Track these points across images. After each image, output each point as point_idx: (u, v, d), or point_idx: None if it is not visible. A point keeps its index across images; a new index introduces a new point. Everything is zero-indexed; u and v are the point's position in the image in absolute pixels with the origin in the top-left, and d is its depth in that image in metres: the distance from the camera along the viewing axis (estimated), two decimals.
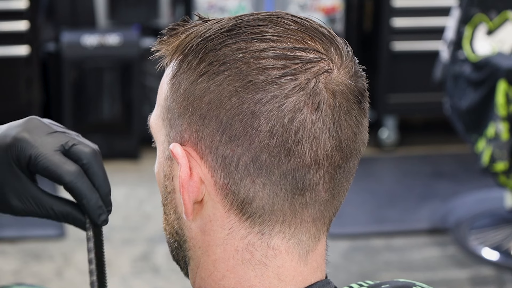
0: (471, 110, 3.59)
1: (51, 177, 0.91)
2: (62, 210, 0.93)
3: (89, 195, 0.92)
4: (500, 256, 3.63)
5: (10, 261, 3.56)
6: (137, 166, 4.56)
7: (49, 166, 0.90)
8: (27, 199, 0.92)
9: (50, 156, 0.90)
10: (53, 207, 0.93)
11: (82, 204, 0.92)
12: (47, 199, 0.93)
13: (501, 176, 3.50)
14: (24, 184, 0.92)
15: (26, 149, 0.90)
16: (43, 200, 0.92)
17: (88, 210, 0.93)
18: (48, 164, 0.90)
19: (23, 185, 0.92)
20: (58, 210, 0.93)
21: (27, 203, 0.92)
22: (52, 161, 0.90)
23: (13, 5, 4.43)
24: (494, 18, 3.70)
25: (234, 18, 0.92)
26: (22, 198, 0.92)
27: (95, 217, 0.94)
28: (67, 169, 0.91)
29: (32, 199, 0.92)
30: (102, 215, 0.94)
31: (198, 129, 0.90)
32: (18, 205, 0.92)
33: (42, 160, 0.90)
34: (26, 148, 0.90)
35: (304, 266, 0.93)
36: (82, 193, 0.92)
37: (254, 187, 0.89)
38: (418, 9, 4.69)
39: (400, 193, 4.26)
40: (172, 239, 0.96)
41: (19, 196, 0.91)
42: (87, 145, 0.93)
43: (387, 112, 4.81)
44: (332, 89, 0.89)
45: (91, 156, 0.93)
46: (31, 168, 0.91)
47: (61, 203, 0.94)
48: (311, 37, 0.90)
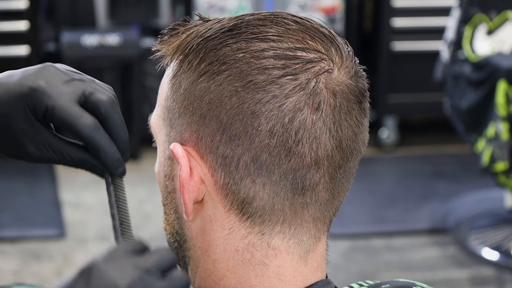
0: (471, 110, 3.59)
1: (67, 129, 0.88)
2: (80, 157, 0.91)
3: (106, 148, 0.90)
4: (500, 256, 3.63)
5: (10, 261, 3.56)
6: (137, 166, 4.56)
7: (65, 118, 0.88)
8: (44, 146, 0.90)
9: (67, 108, 0.88)
10: (71, 154, 0.91)
11: (99, 157, 0.90)
12: (65, 146, 0.90)
13: (501, 176, 3.50)
14: (40, 132, 0.89)
15: (42, 100, 0.88)
16: (60, 147, 0.90)
17: (105, 163, 0.90)
18: (65, 116, 0.88)
19: (40, 133, 0.89)
20: (76, 157, 0.91)
21: (44, 150, 0.90)
22: (69, 113, 0.88)
23: (13, 5, 4.43)
24: (494, 18, 3.70)
25: (234, 18, 0.92)
26: (39, 145, 0.90)
27: (113, 170, 0.91)
28: (84, 122, 0.88)
29: (49, 147, 0.90)
30: (119, 167, 0.91)
31: (199, 128, 0.90)
32: (35, 153, 0.90)
33: (59, 112, 0.87)
34: (42, 99, 0.88)
35: (305, 266, 0.93)
36: (99, 147, 0.89)
37: (254, 187, 0.89)
38: (418, 9, 4.69)
39: (400, 193, 4.26)
40: (173, 239, 0.96)
41: (36, 144, 0.89)
42: (104, 93, 0.90)
43: (387, 112, 4.81)
44: (332, 89, 0.89)
45: (109, 104, 0.90)
46: (47, 118, 0.88)
47: (79, 150, 0.91)
48: (311, 37, 0.90)
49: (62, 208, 4.02)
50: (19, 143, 0.90)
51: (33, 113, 0.89)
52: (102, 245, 3.69)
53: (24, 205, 4.05)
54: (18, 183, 4.28)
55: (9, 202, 4.07)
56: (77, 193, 4.20)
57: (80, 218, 3.95)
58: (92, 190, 4.24)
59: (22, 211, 3.99)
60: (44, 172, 4.43)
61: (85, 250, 3.67)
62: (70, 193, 4.19)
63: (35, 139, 0.90)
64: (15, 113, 0.89)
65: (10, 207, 4.03)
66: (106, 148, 0.90)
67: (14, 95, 0.89)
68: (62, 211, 3.99)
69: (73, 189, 4.24)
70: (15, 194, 4.17)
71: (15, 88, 0.89)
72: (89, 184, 4.31)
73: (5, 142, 0.91)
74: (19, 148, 0.91)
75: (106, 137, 0.90)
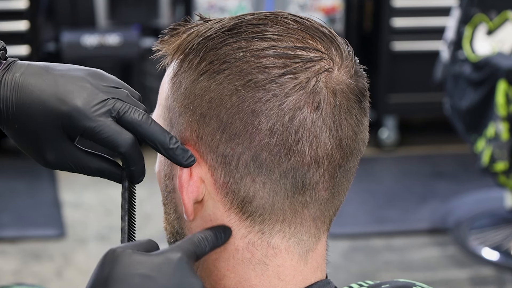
0: (471, 110, 3.59)
1: (106, 147, 0.90)
2: (98, 167, 0.92)
3: (140, 162, 0.92)
4: (500, 256, 3.63)
5: (10, 261, 3.56)
6: None
7: (106, 138, 0.89)
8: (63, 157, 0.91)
9: (106, 127, 0.89)
10: (90, 165, 0.92)
11: (130, 170, 0.92)
12: (83, 157, 0.92)
13: (501, 176, 3.50)
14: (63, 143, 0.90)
15: (80, 122, 0.89)
16: (80, 159, 0.91)
17: (133, 174, 0.92)
18: (105, 136, 0.89)
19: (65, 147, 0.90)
20: (94, 167, 0.92)
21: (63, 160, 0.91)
22: (109, 133, 0.89)
23: (13, 5, 4.43)
24: (494, 18, 3.70)
25: (235, 17, 0.92)
26: (59, 155, 0.90)
27: (137, 180, 0.93)
28: (124, 138, 0.89)
29: (68, 159, 0.91)
30: (142, 177, 0.94)
31: (199, 128, 0.90)
32: (52, 161, 0.91)
33: (99, 133, 0.88)
34: (80, 121, 0.89)
35: (304, 265, 0.93)
36: (134, 162, 0.91)
37: (254, 186, 0.89)
38: (418, 9, 4.69)
39: (400, 193, 4.26)
40: (173, 238, 0.96)
41: (55, 153, 0.90)
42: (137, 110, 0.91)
43: (387, 112, 4.81)
44: (332, 88, 0.89)
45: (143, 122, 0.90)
46: (85, 137, 0.89)
47: (97, 160, 0.92)
48: (311, 36, 0.90)
49: (62, 208, 4.02)
50: (38, 146, 0.90)
51: (66, 132, 0.89)
52: (102, 245, 3.69)
53: (24, 205, 4.05)
54: (18, 183, 4.28)
55: (9, 202, 4.07)
56: (77, 193, 4.20)
57: (80, 218, 3.95)
58: (92, 190, 4.24)
59: (22, 211, 3.99)
60: (44, 172, 4.43)
61: (85, 250, 3.67)
62: (70, 193, 4.19)
63: (56, 149, 0.90)
64: (47, 126, 0.89)
65: (10, 207, 4.03)
66: (140, 162, 0.92)
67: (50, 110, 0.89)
68: (62, 211, 3.99)
69: (73, 189, 4.24)
70: (15, 194, 4.17)
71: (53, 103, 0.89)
72: (89, 184, 4.31)
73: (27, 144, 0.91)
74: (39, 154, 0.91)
75: (140, 152, 0.92)
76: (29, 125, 0.90)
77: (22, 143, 0.92)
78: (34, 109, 0.89)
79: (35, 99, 0.89)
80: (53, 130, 0.89)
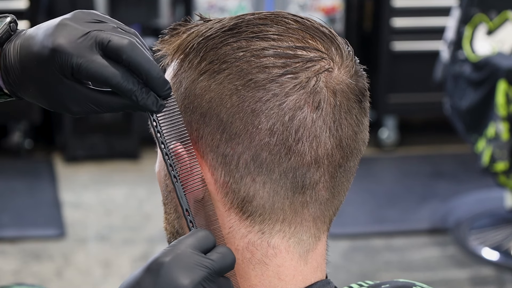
0: (471, 110, 3.59)
1: (96, 82, 0.89)
2: (120, 104, 0.90)
3: (137, 92, 0.88)
4: (500, 256, 3.63)
5: (10, 261, 3.56)
6: (137, 166, 4.56)
7: (93, 73, 0.87)
8: (85, 103, 0.90)
9: (91, 63, 0.87)
10: (110, 103, 0.90)
11: (134, 102, 0.89)
12: (103, 97, 0.90)
13: (501, 176, 3.50)
14: (77, 90, 0.89)
15: (66, 60, 0.88)
16: (100, 100, 0.90)
17: (141, 106, 0.89)
18: (91, 71, 0.87)
19: (77, 91, 0.89)
20: (117, 105, 0.90)
21: (86, 107, 0.90)
22: (94, 68, 0.87)
23: (13, 5, 4.43)
24: (494, 18, 3.70)
25: (235, 17, 0.92)
26: (81, 103, 0.90)
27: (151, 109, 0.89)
28: (111, 72, 0.87)
29: (90, 102, 0.90)
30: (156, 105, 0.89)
31: (199, 127, 0.90)
32: (79, 110, 0.90)
33: (85, 69, 0.87)
34: (65, 59, 0.88)
35: (304, 265, 0.93)
36: (129, 93, 0.88)
37: (254, 186, 0.89)
38: (418, 9, 4.69)
39: (400, 193, 4.26)
40: (173, 238, 0.96)
41: (78, 102, 0.90)
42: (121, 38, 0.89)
43: (387, 112, 4.81)
44: (332, 88, 0.89)
45: (128, 49, 0.88)
46: (75, 76, 0.88)
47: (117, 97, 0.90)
48: (312, 36, 0.90)
49: (62, 208, 4.02)
50: (61, 101, 0.90)
51: (62, 74, 0.88)
52: (102, 245, 3.69)
53: (24, 205, 4.05)
54: (18, 183, 4.28)
55: (9, 202, 4.07)
56: (77, 193, 4.20)
57: (80, 218, 3.95)
58: (92, 190, 4.24)
59: (22, 211, 3.99)
60: (44, 172, 4.43)
61: (85, 250, 3.67)
62: (70, 193, 4.19)
63: (76, 98, 0.89)
64: (48, 77, 0.89)
65: (10, 207, 4.03)
66: (137, 93, 0.88)
67: (40, 60, 0.89)
68: (62, 211, 3.99)
69: (73, 189, 4.24)
70: (15, 194, 4.17)
71: (39, 52, 0.89)
72: (89, 184, 4.31)
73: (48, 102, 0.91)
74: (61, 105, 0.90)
75: (134, 81, 0.88)
76: (36, 82, 0.90)
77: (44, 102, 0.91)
78: (32, 66, 0.89)
79: (29, 56, 0.89)
80: (57, 78, 0.88)
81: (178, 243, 0.85)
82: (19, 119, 4.51)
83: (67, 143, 4.56)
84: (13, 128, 4.57)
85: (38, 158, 4.61)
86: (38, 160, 4.58)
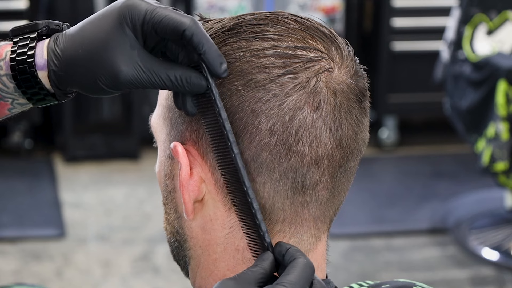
0: (471, 110, 3.59)
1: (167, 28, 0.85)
2: (180, 73, 0.86)
3: (210, 41, 0.86)
4: (500, 256, 3.63)
5: (10, 261, 3.56)
6: (137, 166, 4.56)
7: (167, 16, 0.85)
8: (138, 65, 0.86)
9: (165, 10, 0.86)
10: (168, 73, 0.86)
11: (202, 53, 0.85)
12: (161, 64, 0.87)
13: (501, 176, 3.50)
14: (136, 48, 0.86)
15: (140, 6, 0.86)
16: (157, 66, 0.86)
17: (208, 58, 0.85)
18: (165, 14, 0.85)
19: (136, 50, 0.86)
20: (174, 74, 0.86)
21: (139, 70, 0.86)
22: (168, 13, 0.85)
23: (13, 5, 4.43)
24: (494, 18, 3.70)
25: (235, 17, 0.92)
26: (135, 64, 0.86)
27: (217, 66, 0.86)
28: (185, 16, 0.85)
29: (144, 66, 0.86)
30: (223, 63, 0.86)
31: (199, 127, 0.90)
32: (128, 72, 0.86)
33: (159, 12, 0.85)
34: (140, 5, 0.86)
35: None
36: (203, 40, 0.85)
37: (254, 186, 0.88)
38: (418, 9, 4.69)
39: (400, 193, 4.26)
40: (173, 238, 0.96)
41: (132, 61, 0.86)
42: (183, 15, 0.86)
43: (387, 112, 4.81)
44: (332, 88, 0.89)
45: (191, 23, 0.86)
46: (146, 25, 0.86)
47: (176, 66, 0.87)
48: (312, 36, 0.90)
49: (62, 208, 4.02)
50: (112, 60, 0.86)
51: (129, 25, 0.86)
52: (102, 245, 3.70)
53: (24, 205, 4.05)
54: (18, 183, 4.28)
55: (9, 202, 4.07)
56: (77, 193, 4.20)
57: (80, 218, 3.95)
58: (92, 190, 4.24)
59: (22, 211, 3.99)
60: (44, 172, 4.43)
61: (85, 250, 3.67)
62: (70, 193, 4.19)
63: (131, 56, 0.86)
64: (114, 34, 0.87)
65: (10, 207, 4.03)
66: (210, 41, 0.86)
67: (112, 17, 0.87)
68: (62, 211, 3.99)
69: (73, 189, 4.24)
70: (15, 194, 4.17)
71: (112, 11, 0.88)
72: (89, 184, 4.31)
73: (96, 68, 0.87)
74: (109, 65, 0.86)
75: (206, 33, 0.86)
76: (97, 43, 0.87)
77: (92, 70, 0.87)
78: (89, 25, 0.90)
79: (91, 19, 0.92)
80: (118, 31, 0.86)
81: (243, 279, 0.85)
82: (19, 119, 4.51)
83: (67, 143, 4.56)
84: (13, 128, 4.57)
85: (38, 158, 4.61)
86: (38, 160, 4.58)
